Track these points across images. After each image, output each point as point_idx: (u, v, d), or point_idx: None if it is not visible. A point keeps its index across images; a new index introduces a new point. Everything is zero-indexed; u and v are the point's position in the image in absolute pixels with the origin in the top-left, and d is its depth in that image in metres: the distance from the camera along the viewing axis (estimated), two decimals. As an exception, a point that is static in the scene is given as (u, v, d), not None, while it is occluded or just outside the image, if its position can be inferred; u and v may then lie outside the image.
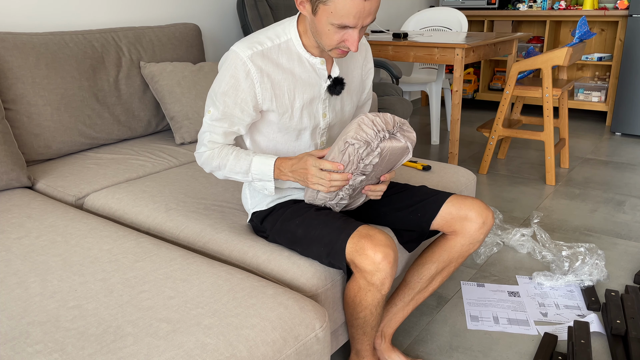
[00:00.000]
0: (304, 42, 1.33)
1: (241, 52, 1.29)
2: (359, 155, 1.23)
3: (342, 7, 1.16)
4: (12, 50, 2.00)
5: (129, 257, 1.33)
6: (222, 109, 1.32)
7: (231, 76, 1.30)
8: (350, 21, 1.18)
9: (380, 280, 1.24)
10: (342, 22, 1.18)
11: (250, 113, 1.33)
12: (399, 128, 1.28)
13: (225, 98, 1.31)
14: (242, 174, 1.35)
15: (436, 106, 3.80)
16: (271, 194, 1.37)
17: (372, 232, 1.25)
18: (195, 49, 2.65)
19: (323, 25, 1.21)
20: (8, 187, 1.81)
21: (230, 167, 1.36)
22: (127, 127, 2.33)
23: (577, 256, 2.18)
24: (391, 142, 1.26)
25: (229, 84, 1.30)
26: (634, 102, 3.99)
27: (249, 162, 1.33)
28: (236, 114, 1.33)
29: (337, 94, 1.38)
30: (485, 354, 1.65)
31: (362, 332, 1.39)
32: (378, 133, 1.23)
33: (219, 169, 1.38)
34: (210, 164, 1.38)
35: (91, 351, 0.98)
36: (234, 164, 1.35)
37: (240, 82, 1.29)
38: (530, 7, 4.69)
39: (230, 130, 1.36)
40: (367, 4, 1.16)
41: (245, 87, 1.30)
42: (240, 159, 1.34)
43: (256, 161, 1.33)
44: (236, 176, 1.37)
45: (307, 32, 1.32)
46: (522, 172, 3.29)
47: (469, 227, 1.44)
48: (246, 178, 1.36)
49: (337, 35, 1.22)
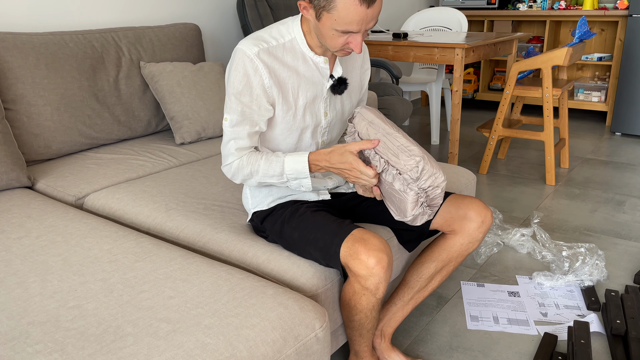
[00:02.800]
0: (308, 41, 1.34)
1: (248, 49, 1.30)
2: (392, 176, 1.23)
3: (345, 16, 1.18)
4: (12, 50, 2.00)
5: (129, 257, 1.33)
6: (240, 110, 1.31)
7: (243, 74, 1.30)
8: (353, 27, 1.20)
9: (374, 285, 1.24)
10: (345, 29, 1.21)
11: (267, 107, 1.33)
12: (429, 203, 1.26)
13: (241, 97, 1.31)
14: (277, 176, 1.33)
15: (436, 106, 3.80)
16: (309, 189, 1.35)
17: (366, 236, 1.25)
18: (195, 49, 2.65)
19: (327, 30, 1.23)
20: (8, 187, 1.81)
21: (263, 171, 1.33)
22: (127, 127, 2.33)
23: (577, 256, 2.18)
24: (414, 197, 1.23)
25: (242, 82, 1.30)
26: (634, 102, 3.99)
27: (282, 164, 1.32)
28: (255, 110, 1.32)
29: (340, 93, 1.39)
30: (485, 354, 1.65)
31: (358, 334, 1.39)
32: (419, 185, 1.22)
33: (251, 176, 1.36)
34: (241, 173, 1.36)
35: (91, 351, 0.98)
36: (267, 168, 1.33)
37: (251, 78, 1.30)
38: (530, 7, 4.69)
39: (253, 131, 1.34)
40: (369, 11, 1.18)
41: (256, 83, 1.30)
42: (271, 162, 1.33)
43: (289, 161, 1.31)
44: (271, 180, 1.35)
45: (310, 32, 1.33)
46: (522, 172, 3.29)
47: (468, 227, 1.44)
48: (281, 180, 1.34)
49: (341, 39, 1.24)
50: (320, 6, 1.19)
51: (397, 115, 3.06)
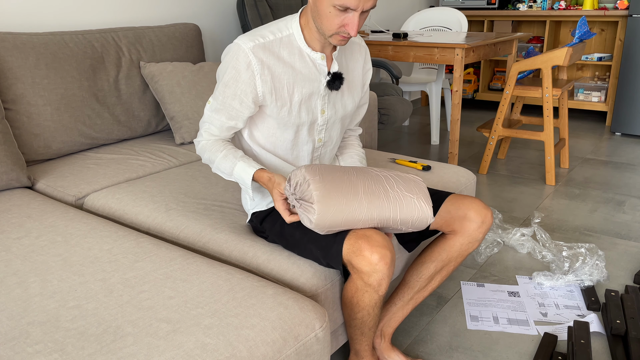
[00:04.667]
0: (306, 36, 1.35)
1: (243, 44, 1.31)
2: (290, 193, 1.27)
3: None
4: (12, 50, 2.00)
5: (128, 257, 1.33)
6: (221, 100, 1.35)
7: (232, 67, 1.32)
8: (351, 2, 1.21)
9: (377, 281, 1.24)
10: (343, 4, 1.21)
11: (249, 105, 1.35)
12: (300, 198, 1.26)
13: (225, 89, 1.34)
14: (226, 174, 1.40)
15: (436, 106, 3.80)
16: (252, 198, 1.43)
17: (369, 233, 1.25)
18: (195, 49, 2.65)
19: (325, 7, 1.24)
20: (8, 187, 1.81)
21: (217, 163, 1.40)
22: (127, 127, 2.33)
23: (577, 257, 2.18)
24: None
25: (230, 75, 1.33)
26: (634, 102, 3.99)
27: (233, 166, 1.37)
28: (235, 106, 1.35)
29: (336, 89, 1.40)
30: (485, 354, 1.65)
31: (360, 332, 1.39)
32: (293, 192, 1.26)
33: (209, 161, 1.43)
34: (204, 155, 1.43)
35: (91, 351, 0.98)
36: (220, 162, 1.39)
37: (241, 74, 1.32)
38: (530, 7, 4.69)
39: (228, 125, 1.39)
40: None
41: (245, 79, 1.32)
42: (227, 159, 1.38)
43: (239, 166, 1.37)
44: (222, 174, 1.42)
45: (308, 25, 1.34)
46: (522, 172, 3.29)
47: (468, 227, 1.44)
48: (229, 178, 1.41)
49: (338, 19, 1.25)
50: None
51: (397, 115, 3.06)
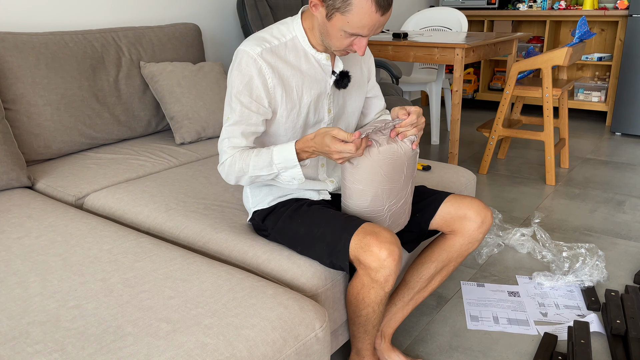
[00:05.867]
0: (310, 39, 1.35)
1: (251, 50, 1.30)
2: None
3: (359, 20, 1.19)
4: (12, 50, 2.00)
5: (128, 257, 1.33)
6: (239, 110, 1.31)
7: (244, 74, 1.30)
8: (364, 32, 1.22)
9: (384, 277, 1.24)
10: (355, 32, 1.22)
11: (267, 109, 1.33)
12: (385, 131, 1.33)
13: (240, 97, 1.30)
14: (266, 167, 1.29)
15: (436, 106, 3.80)
16: (301, 181, 1.31)
17: (377, 229, 1.25)
18: (195, 49, 2.65)
19: (335, 30, 1.24)
20: (8, 187, 1.81)
21: (253, 165, 1.30)
22: (127, 127, 2.33)
23: (577, 257, 2.18)
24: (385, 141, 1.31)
25: (243, 82, 1.30)
26: (634, 102, 3.99)
27: (271, 154, 1.29)
28: (253, 110, 1.31)
29: (344, 87, 1.40)
30: (485, 354, 1.65)
31: (363, 330, 1.39)
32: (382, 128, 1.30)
33: (242, 172, 1.32)
34: (233, 169, 1.32)
35: (91, 351, 0.98)
36: (256, 160, 1.30)
37: (254, 79, 1.30)
38: (530, 7, 4.69)
39: (249, 131, 1.33)
40: (382, 18, 1.20)
41: (258, 84, 1.30)
42: (261, 154, 1.30)
43: (277, 150, 1.28)
44: (261, 172, 1.31)
45: (313, 30, 1.34)
46: (522, 172, 3.29)
47: (468, 227, 1.44)
48: (271, 171, 1.30)
49: (347, 41, 1.25)
50: (335, 7, 1.19)
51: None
